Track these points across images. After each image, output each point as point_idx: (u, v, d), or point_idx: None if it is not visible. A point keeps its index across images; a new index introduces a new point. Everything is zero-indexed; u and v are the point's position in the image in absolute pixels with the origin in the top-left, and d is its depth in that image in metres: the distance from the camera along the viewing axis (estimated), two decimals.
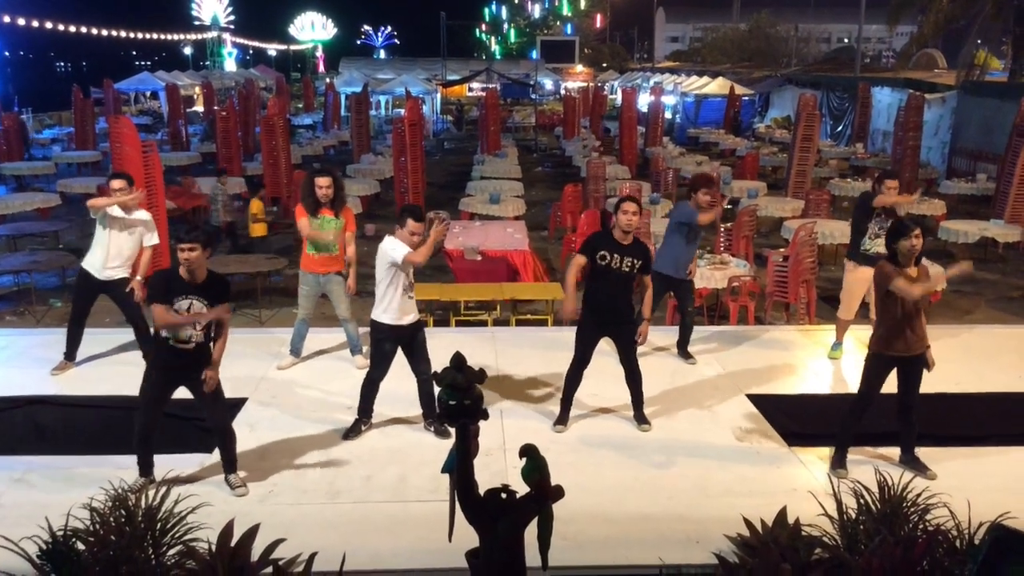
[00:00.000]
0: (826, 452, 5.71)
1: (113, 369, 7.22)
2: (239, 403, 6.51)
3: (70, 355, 7.21)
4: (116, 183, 7.04)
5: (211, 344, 5.17)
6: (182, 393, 5.24)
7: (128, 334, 7.57)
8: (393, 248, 5.76)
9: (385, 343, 5.94)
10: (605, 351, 6.32)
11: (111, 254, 7.04)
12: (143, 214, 7.21)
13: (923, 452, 5.62)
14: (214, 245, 5.14)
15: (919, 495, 4.25)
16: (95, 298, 7.29)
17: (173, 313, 4.94)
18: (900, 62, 29.56)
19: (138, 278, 7.09)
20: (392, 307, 5.86)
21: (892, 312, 5.34)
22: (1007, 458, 5.83)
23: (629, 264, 5.95)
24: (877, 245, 7.28)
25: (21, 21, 37.56)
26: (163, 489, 4.23)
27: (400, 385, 6.26)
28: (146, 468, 5.18)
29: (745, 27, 57.61)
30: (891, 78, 26.67)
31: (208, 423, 5.33)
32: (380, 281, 5.88)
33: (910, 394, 5.47)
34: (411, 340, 5.97)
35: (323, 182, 6.91)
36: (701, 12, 75.74)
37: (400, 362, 6.03)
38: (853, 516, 4.16)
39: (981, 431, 6.22)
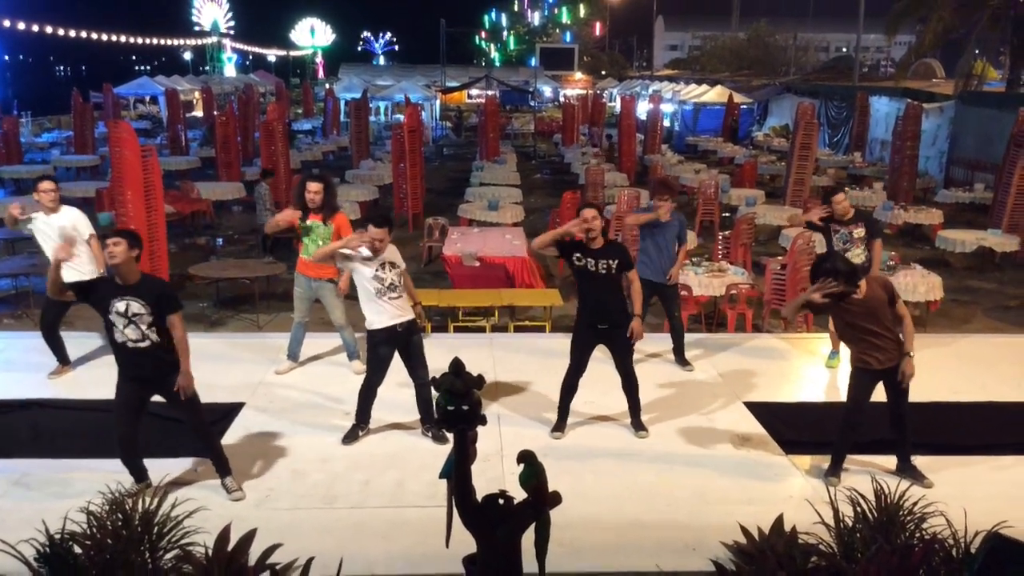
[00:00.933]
0: (823, 460, 5.71)
1: (110, 372, 7.08)
2: (236, 408, 6.52)
3: (63, 360, 7.20)
4: (44, 184, 7.02)
5: (171, 342, 5.09)
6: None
7: None
8: (354, 266, 5.87)
9: (379, 347, 5.95)
10: (601, 358, 6.33)
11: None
12: (67, 214, 7.09)
13: (920, 461, 5.63)
14: (141, 247, 5.14)
15: (916, 503, 4.25)
16: (66, 308, 7.23)
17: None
18: (898, 71, 29.59)
19: (102, 272, 7.01)
20: (371, 311, 5.89)
21: (847, 332, 5.40)
22: (1004, 467, 5.84)
23: (606, 266, 5.98)
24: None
25: (21, 25, 37.59)
26: (160, 493, 4.23)
27: (398, 391, 6.27)
28: (139, 475, 5.16)
29: (744, 36, 57.74)
30: (889, 87, 26.73)
31: (188, 428, 5.30)
32: (358, 289, 5.95)
33: (900, 404, 5.48)
34: (406, 343, 5.97)
35: (313, 187, 6.94)
36: (700, 20, 75.94)
37: (398, 368, 6.04)
38: (850, 524, 4.16)
39: (978, 440, 6.23)
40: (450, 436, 3.49)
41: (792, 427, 6.41)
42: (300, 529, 4.84)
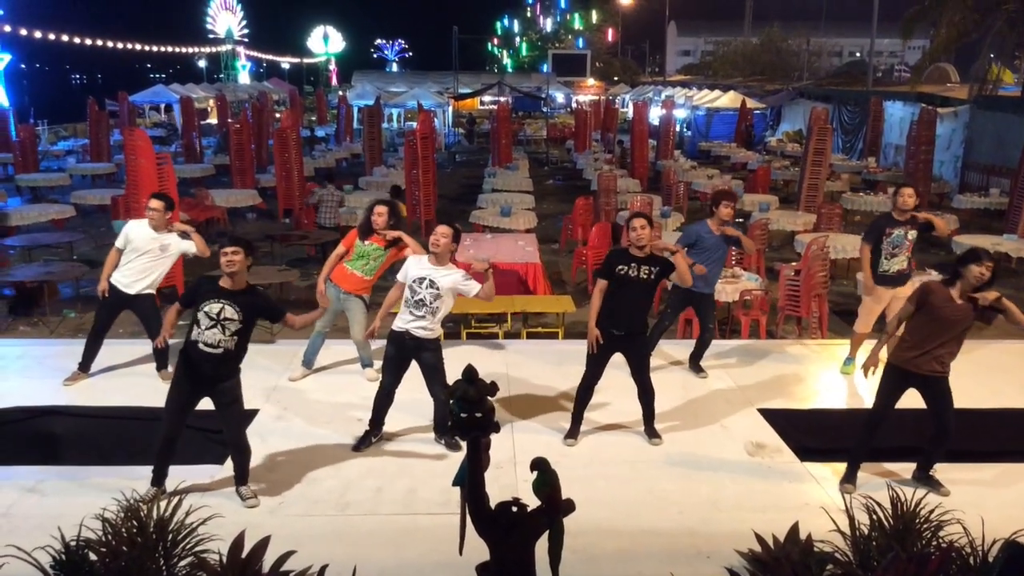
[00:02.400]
0: (838, 467, 5.68)
1: (126, 380, 7.26)
2: (251, 414, 6.53)
3: (84, 367, 7.23)
4: (154, 203, 7.08)
5: (241, 355, 5.21)
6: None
7: (141, 345, 7.61)
8: (406, 265, 6.02)
9: (389, 346, 6.02)
10: (616, 364, 6.31)
11: (132, 270, 7.04)
12: (171, 238, 7.12)
13: (936, 468, 5.58)
14: (255, 256, 5.35)
15: (932, 511, 4.22)
16: (116, 313, 7.28)
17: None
18: (913, 76, 29.48)
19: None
20: (399, 311, 6.00)
21: (912, 327, 5.32)
22: (1021, 474, 5.78)
23: (647, 271, 5.96)
24: (894, 264, 7.28)
25: (38, 34, 37.97)
26: (175, 500, 4.24)
27: (411, 397, 6.27)
28: (159, 478, 5.20)
29: (757, 41, 57.63)
30: (903, 92, 26.63)
31: (225, 437, 5.34)
32: None
33: (943, 416, 5.37)
34: (418, 359, 5.99)
35: (380, 210, 7.04)
36: (713, 26, 75.88)
37: (410, 375, 6.04)
38: (866, 532, 4.13)
39: (995, 447, 6.18)
40: (463, 443, 3.49)
41: (807, 434, 6.37)
42: (314, 536, 4.85)
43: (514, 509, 3.44)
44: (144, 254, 7.02)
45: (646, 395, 6.18)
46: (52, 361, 7.56)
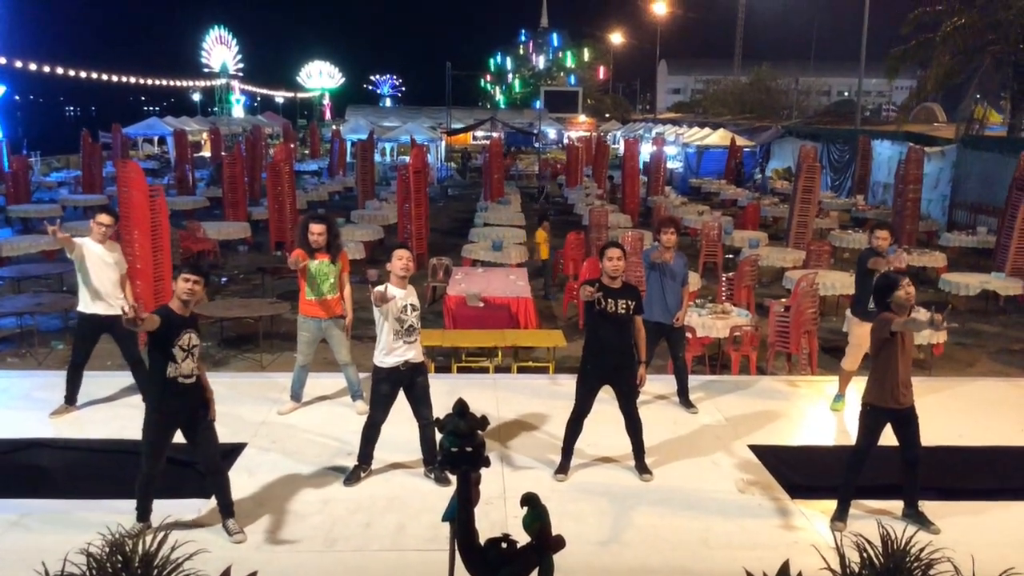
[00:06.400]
0: (829, 505, 5.66)
1: (113, 412, 7.21)
2: (238, 448, 6.49)
3: (70, 399, 7.19)
4: (103, 217, 7.21)
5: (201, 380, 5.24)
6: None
7: (127, 377, 7.56)
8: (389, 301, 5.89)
9: (382, 385, 5.97)
10: (605, 399, 6.31)
11: (100, 292, 7.10)
12: (117, 249, 7.35)
13: (926, 506, 5.58)
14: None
15: (923, 549, 4.20)
16: (96, 340, 7.30)
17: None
18: (900, 115, 29.83)
19: (132, 303, 7.15)
20: (384, 349, 5.93)
21: (887, 364, 5.36)
22: (1011, 513, 5.78)
23: (624, 306, 6.02)
24: None
25: (32, 66, 38.16)
26: (160, 535, 4.19)
27: (400, 431, 6.25)
28: (144, 513, 5.15)
29: (746, 79, 58.39)
30: (891, 131, 26.91)
31: (200, 465, 5.32)
32: (377, 324, 5.96)
33: (912, 449, 5.44)
34: (411, 384, 5.98)
35: (316, 229, 7.04)
36: (703, 64, 76.99)
37: (400, 407, 6.02)
38: (856, 570, 4.11)
39: (985, 485, 6.17)
40: (453, 478, 3.48)
41: (797, 471, 6.36)
42: (300, 572, 4.80)
43: (504, 545, 3.42)
44: (102, 269, 7.10)
45: (633, 425, 6.17)
46: (39, 393, 7.51)
